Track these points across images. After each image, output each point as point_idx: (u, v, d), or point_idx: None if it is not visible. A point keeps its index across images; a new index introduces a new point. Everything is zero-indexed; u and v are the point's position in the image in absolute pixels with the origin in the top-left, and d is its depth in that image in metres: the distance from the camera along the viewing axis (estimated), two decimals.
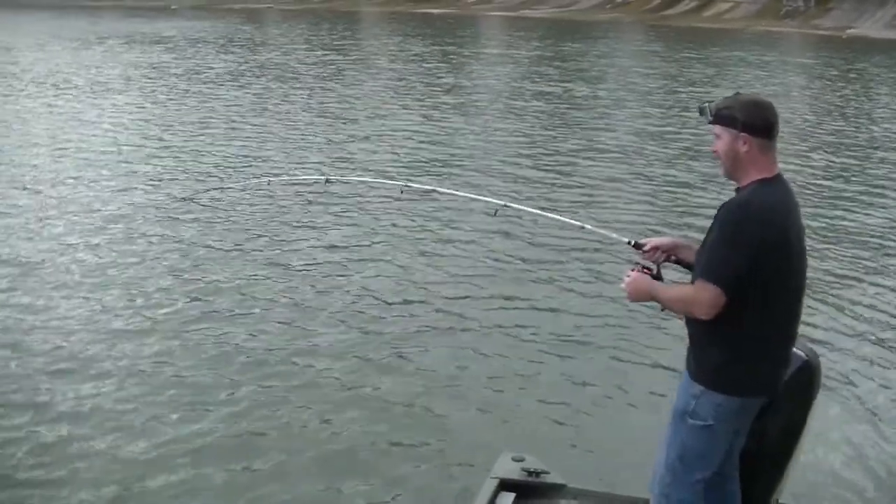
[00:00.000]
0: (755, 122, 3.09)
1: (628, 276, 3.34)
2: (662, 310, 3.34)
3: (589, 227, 4.04)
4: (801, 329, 3.25)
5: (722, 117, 3.14)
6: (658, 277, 3.41)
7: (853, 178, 13.22)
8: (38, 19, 46.44)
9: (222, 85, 22.48)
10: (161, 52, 30.32)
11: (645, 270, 3.36)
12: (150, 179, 12.60)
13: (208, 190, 11.42)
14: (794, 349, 3.23)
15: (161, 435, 5.67)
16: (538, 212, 4.64)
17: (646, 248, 3.52)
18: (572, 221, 4.17)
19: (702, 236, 3.23)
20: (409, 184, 5.06)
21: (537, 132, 16.74)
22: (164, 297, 8.06)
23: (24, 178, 12.65)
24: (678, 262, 3.51)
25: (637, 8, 53.21)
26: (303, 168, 13.20)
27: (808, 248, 3.20)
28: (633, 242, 3.60)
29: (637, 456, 5.10)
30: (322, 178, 6.56)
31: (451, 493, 5.01)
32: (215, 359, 6.81)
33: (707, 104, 3.21)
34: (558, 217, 4.35)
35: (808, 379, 3.26)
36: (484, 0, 57.59)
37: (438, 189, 5.06)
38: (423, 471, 5.32)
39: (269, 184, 10.26)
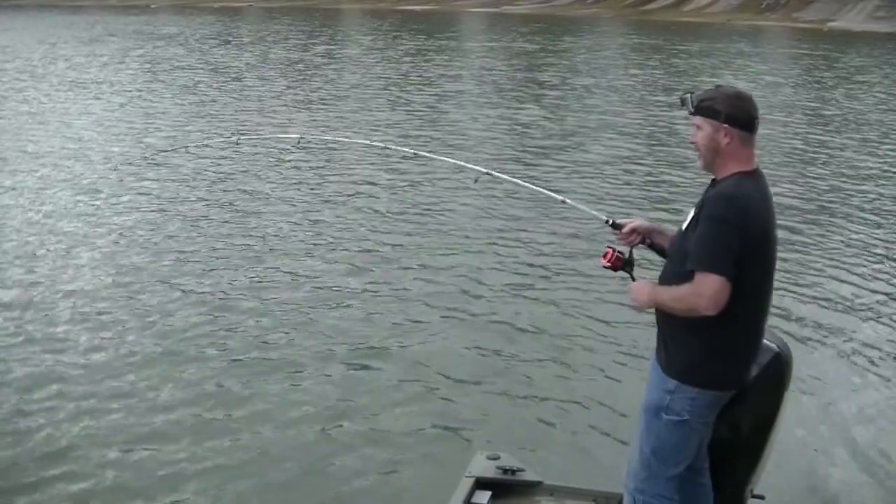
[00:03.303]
0: (738, 114, 3.05)
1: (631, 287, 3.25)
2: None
3: (570, 201, 3.92)
4: (776, 321, 3.22)
5: (704, 109, 3.09)
6: (630, 261, 3.39)
7: (842, 171, 13.22)
8: (25, 18, 46.28)
9: (220, 73, 23.33)
10: (163, 48, 30.58)
11: (618, 254, 3.31)
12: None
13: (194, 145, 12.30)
14: (766, 341, 3.20)
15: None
16: (521, 182, 4.36)
17: (624, 229, 3.48)
18: (554, 195, 4.04)
19: (677, 219, 3.15)
20: (390, 146, 4.81)
21: (525, 115, 17.04)
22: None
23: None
24: (651, 245, 3.47)
25: (616, 4, 53.32)
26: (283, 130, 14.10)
27: (794, 232, 3.17)
28: (611, 222, 3.54)
29: (612, 451, 5.09)
30: (296, 136, 6.41)
31: (426, 492, 4.93)
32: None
33: (688, 95, 3.15)
34: (540, 189, 4.16)
35: (780, 371, 3.23)
36: None
37: (420, 153, 4.87)
38: (396, 471, 5.24)
39: (237, 142, 11.04)
